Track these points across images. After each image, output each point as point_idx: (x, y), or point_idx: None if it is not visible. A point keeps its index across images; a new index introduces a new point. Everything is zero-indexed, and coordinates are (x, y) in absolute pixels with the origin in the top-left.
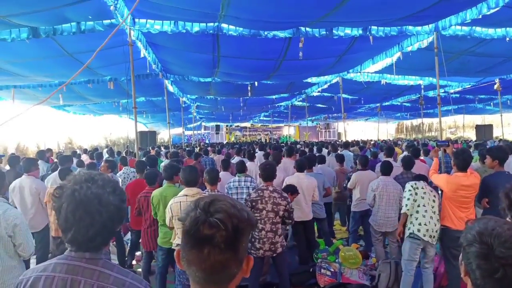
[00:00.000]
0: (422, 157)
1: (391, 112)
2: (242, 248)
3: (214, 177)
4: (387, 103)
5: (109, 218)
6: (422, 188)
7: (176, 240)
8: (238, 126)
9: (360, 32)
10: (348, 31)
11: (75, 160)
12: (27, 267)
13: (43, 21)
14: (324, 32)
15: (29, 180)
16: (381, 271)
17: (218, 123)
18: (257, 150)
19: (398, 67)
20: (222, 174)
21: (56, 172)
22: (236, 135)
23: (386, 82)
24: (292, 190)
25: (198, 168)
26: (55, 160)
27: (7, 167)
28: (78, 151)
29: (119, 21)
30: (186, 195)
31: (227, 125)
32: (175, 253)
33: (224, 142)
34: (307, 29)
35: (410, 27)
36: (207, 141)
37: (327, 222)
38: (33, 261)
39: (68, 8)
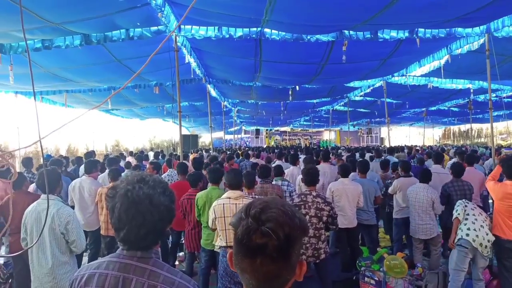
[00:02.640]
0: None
1: (437, 117)
2: (295, 255)
3: (251, 181)
4: (433, 108)
5: (160, 218)
6: (473, 204)
7: (218, 242)
8: (278, 130)
9: (407, 34)
10: (393, 33)
11: (122, 162)
12: (79, 263)
13: (95, 28)
14: (369, 35)
15: (89, 181)
16: (428, 281)
17: (258, 127)
18: (300, 154)
19: (446, 70)
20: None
21: (105, 173)
22: (276, 140)
23: (433, 86)
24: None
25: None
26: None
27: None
28: (125, 153)
29: (166, 27)
30: (229, 197)
31: (267, 129)
32: (227, 255)
33: (264, 146)
34: (351, 32)
35: (460, 29)
36: (247, 145)
37: (376, 229)
38: (85, 258)
39: (118, 15)
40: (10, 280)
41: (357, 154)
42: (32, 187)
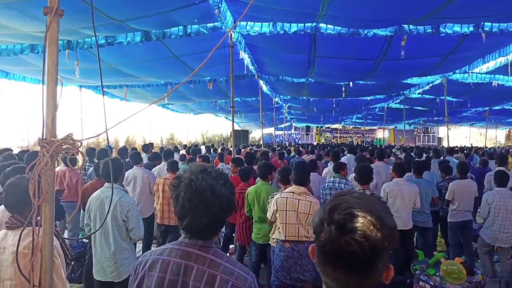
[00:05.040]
0: None
1: (501, 117)
2: (381, 264)
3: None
4: (497, 107)
5: (221, 208)
6: None
7: (276, 235)
8: (328, 127)
9: (471, 29)
10: (457, 28)
11: (175, 155)
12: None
13: (155, 25)
14: (430, 30)
15: (141, 171)
16: None
17: (309, 124)
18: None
19: None
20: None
21: (161, 165)
22: (327, 137)
23: (498, 83)
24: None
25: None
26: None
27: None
28: (179, 147)
29: (222, 24)
30: (293, 192)
31: (317, 126)
32: (310, 248)
33: (314, 143)
34: (411, 26)
35: None
36: (296, 142)
37: (432, 232)
38: (139, 246)
39: (176, 12)
40: (72, 263)
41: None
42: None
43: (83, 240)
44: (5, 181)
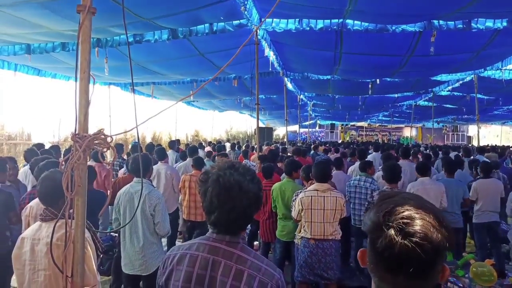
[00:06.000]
0: None
1: None
2: (440, 266)
3: (309, 174)
4: None
5: (248, 204)
6: None
7: (302, 233)
8: (354, 125)
9: (505, 24)
10: (489, 23)
11: (200, 151)
12: None
13: (181, 23)
14: (461, 26)
15: (164, 167)
16: None
17: (334, 122)
18: (371, 150)
19: None
20: (335, 173)
21: (186, 161)
22: (352, 135)
23: None
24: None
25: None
26: (183, 149)
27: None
28: (203, 143)
29: (248, 21)
30: (317, 190)
31: (342, 124)
32: (359, 253)
33: (339, 141)
34: (441, 22)
35: None
36: (320, 140)
37: (462, 233)
38: (163, 240)
39: (203, 10)
40: (101, 255)
41: (440, 153)
42: (121, 172)
43: (111, 233)
44: (39, 175)
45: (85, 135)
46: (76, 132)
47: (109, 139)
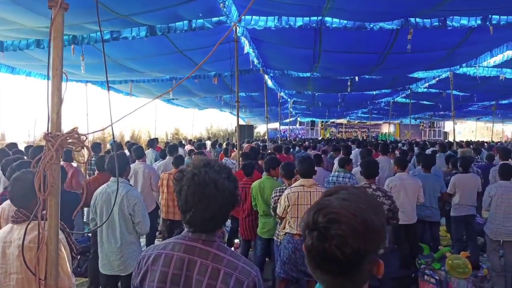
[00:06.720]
0: None
1: (508, 111)
2: (368, 265)
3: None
4: (504, 101)
5: (224, 202)
6: None
7: (287, 229)
8: (333, 122)
9: (479, 22)
10: (464, 21)
11: (181, 150)
12: None
13: (160, 20)
14: (437, 23)
15: (142, 166)
16: (494, 284)
17: (314, 119)
18: (354, 146)
19: None
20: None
21: (166, 159)
22: (332, 132)
23: (505, 77)
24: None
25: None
26: (162, 148)
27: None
28: (183, 141)
29: (227, 18)
30: (303, 185)
31: (322, 121)
32: (303, 247)
33: (319, 138)
34: (417, 20)
35: None
36: (300, 137)
37: (438, 227)
38: (142, 239)
39: (181, 6)
40: (78, 257)
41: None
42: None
43: (88, 234)
44: (11, 175)
45: (58, 134)
46: (49, 131)
47: (83, 138)
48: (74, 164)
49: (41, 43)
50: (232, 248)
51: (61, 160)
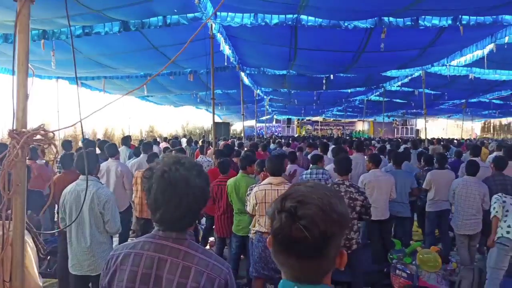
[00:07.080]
0: None
1: (477, 109)
2: (333, 250)
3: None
4: (473, 100)
5: (195, 200)
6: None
7: (256, 227)
8: (309, 120)
9: (450, 22)
10: (436, 21)
11: (155, 147)
12: None
13: (133, 15)
14: (409, 23)
15: (115, 164)
16: (462, 277)
17: (290, 117)
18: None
19: (489, 61)
20: (289, 166)
21: (140, 157)
22: (307, 129)
23: (474, 76)
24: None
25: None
26: (136, 146)
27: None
28: (158, 139)
29: (202, 14)
30: (271, 183)
31: (298, 119)
32: (267, 240)
33: (296, 136)
34: (391, 19)
35: (507, 16)
36: (277, 134)
37: (410, 222)
38: (115, 239)
39: (156, 2)
40: (48, 257)
41: (388, 146)
42: None
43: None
44: None
45: (23, 131)
46: (14, 128)
47: (50, 135)
48: (42, 162)
49: (9, 38)
50: (208, 246)
51: (27, 158)
